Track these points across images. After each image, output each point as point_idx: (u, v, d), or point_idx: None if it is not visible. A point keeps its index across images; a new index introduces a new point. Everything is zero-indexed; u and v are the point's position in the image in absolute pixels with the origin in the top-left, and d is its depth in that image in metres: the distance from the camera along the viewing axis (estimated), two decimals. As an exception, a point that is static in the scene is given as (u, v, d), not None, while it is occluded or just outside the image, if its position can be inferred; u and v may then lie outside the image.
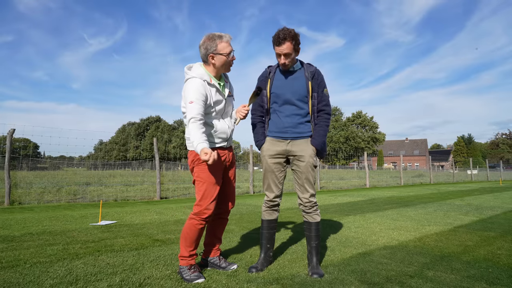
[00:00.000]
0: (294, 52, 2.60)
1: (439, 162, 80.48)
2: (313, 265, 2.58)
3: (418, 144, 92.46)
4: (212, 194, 2.48)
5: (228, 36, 2.54)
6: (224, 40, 2.50)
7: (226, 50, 2.50)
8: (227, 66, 2.57)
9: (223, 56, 2.49)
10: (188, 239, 2.47)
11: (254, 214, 5.73)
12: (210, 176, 2.49)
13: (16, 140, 51.44)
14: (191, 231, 2.46)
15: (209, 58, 2.51)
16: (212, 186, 2.49)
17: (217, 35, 2.50)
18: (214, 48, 2.47)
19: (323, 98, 2.69)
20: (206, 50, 2.49)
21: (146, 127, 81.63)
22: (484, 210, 6.31)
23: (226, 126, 2.61)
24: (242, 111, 2.64)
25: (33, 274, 2.50)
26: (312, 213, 2.67)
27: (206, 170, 2.49)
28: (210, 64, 2.53)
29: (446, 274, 2.54)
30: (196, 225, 2.46)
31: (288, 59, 2.59)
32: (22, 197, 8.20)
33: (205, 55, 2.51)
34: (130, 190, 11.02)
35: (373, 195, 9.97)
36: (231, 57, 2.54)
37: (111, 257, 2.98)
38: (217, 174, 2.53)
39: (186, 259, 2.46)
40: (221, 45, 2.48)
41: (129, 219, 5.20)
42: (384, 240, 3.71)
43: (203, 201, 2.46)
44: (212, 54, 2.49)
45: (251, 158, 11.82)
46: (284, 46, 2.54)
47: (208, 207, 2.46)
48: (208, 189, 2.47)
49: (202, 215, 2.45)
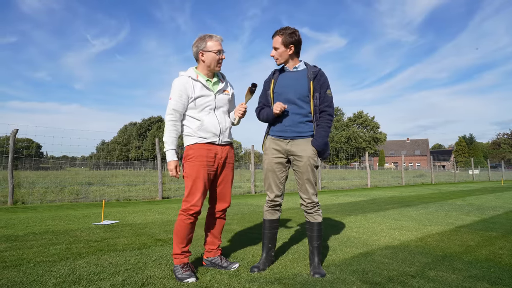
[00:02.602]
0: (283, 47, 2.66)
1: (441, 162, 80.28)
2: (315, 265, 2.59)
3: (420, 144, 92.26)
4: (199, 191, 2.51)
5: (219, 37, 2.67)
6: (214, 39, 2.64)
7: (215, 48, 2.61)
8: (216, 63, 2.64)
9: (212, 53, 2.60)
10: (179, 235, 2.51)
11: (255, 214, 5.74)
12: (198, 172, 2.52)
13: (19, 140, 51.62)
14: (181, 227, 2.50)
15: (199, 55, 2.64)
16: (200, 182, 2.52)
17: (208, 35, 2.65)
18: (204, 45, 2.61)
19: (326, 99, 2.69)
20: (197, 48, 2.64)
21: (148, 127, 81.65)
22: (486, 210, 6.30)
23: (216, 121, 2.62)
24: (240, 110, 2.68)
25: (36, 273, 2.52)
26: (313, 213, 2.67)
27: (194, 167, 2.53)
28: (200, 61, 2.65)
29: (447, 274, 2.54)
30: (185, 221, 2.50)
31: (276, 53, 2.69)
32: (25, 196, 8.23)
33: (196, 53, 2.66)
34: (132, 190, 11.05)
35: (375, 195, 9.97)
36: (220, 55, 2.64)
37: (113, 256, 2.99)
38: (205, 170, 2.55)
39: (179, 257, 2.49)
40: (210, 43, 2.61)
41: (131, 218, 5.22)
42: (385, 240, 3.72)
43: (190, 197, 2.50)
44: (202, 51, 2.61)
45: (253, 158, 11.83)
46: (274, 39, 2.69)
47: (196, 204, 2.50)
48: (195, 185, 2.51)
49: (190, 211, 2.49)
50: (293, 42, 2.66)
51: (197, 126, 2.58)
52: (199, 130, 2.57)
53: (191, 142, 2.59)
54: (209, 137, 2.59)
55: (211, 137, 2.60)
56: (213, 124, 2.61)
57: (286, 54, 2.68)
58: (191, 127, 2.60)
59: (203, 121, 2.58)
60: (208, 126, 2.59)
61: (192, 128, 2.59)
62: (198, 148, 2.56)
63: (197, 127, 2.57)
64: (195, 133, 2.58)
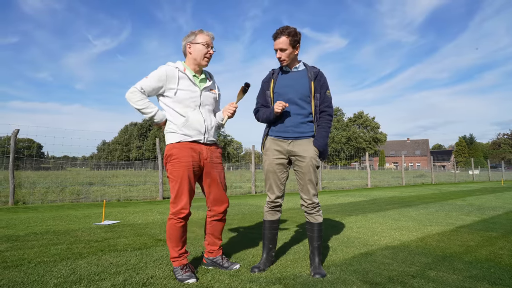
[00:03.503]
0: (290, 48, 2.62)
1: (441, 162, 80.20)
2: (315, 265, 2.59)
3: (420, 144, 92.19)
4: (186, 193, 2.45)
5: (210, 33, 2.65)
6: (205, 33, 2.62)
7: (203, 40, 2.58)
8: (203, 56, 2.59)
9: (200, 45, 2.57)
10: (173, 240, 2.47)
11: (256, 214, 5.75)
12: (183, 173, 2.45)
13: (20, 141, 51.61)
14: (174, 231, 2.46)
15: (187, 48, 2.62)
16: (186, 184, 2.45)
17: (198, 30, 2.63)
18: (193, 38, 2.60)
19: (326, 99, 2.70)
20: (185, 41, 2.63)
21: (149, 128, 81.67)
22: (486, 210, 6.30)
23: (201, 118, 2.56)
24: (230, 109, 2.64)
25: (37, 273, 2.52)
26: (314, 214, 2.68)
27: (177, 167, 2.46)
28: (188, 54, 2.63)
29: (448, 274, 2.54)
30: (176, 224, 2.46)
31: (284, 54, 2.62)
32: (26, 197, 8.24)
33: (184, 46, 2.64)
34: (133, 190, 11.05)
35: (375, 195, 9.96)
36: (208, 49, 2.60)
37: (114, 256, 3.00)
38: (190, 171, 2.48)
39: (177, 260, 2.46)
40: (199, 36, 2.60)
41: (132, 219, 5.23)
42: (386, 240, 3.72)
43: (177, 200, 2.45)
44: (190, 43, 2.60)
45: (253, 159, 11.83)
46: (279, 40, 2.60)
47: (184, 207, 2.45)
48: (181, 187, 2.45)
49: (180, 215, 2.45)
50: (299, 41, 2.65)
51: (182, 123, 2.50)
52: (183, 127, 2.50)
53: (174, 141, 2.50)
54: (193, 135, 2.52)
55: (195, 135, 2.53)
56: (198, 121, 2.54)
57: (293, 54, 2.66)
58: (175, 123, 2.52)
59: (188, 118, 2.51)
60: (193, 123, 2.52)
61: (177, 124, 2.51)
62: (182, 147, 2.48)
63: (181, 123, 2.50)
64: (179, 129, 2.50)
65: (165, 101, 2.58)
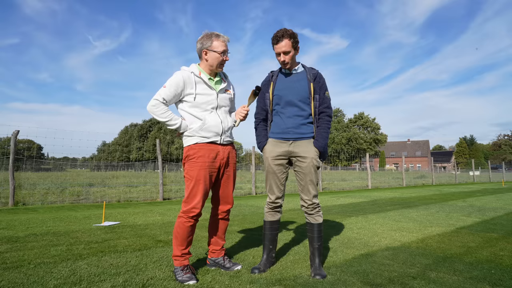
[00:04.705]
0: (293, 50, 2.62)
1: (441, 163, 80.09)
2: (315, 266, 2.59)
3: (420, 145, 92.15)
4: (200, 193, 2.47)
5: (226, 37, 2.61)
6: (221, 39, 2.58)
7: (220, 48, 2.56)
8: (219, 64, 2.60)
9: (216, 53, 2.55)
10: (179, 238, 2.48)
11: (256, 215, 5.74)
12: (199, 173, 2.48)
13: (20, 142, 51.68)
14: (181, 230, 2.47)
15: (202, 53, 2.59)
16: (201, 184, 2.48)
17: (215, 34, 2.58)
18: (209, 44, 2.56)
19: (325, 101, 2.70)
20: (201, 45, 2.59)
21: (149, 129, 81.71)
22: (487, 211, 6.29)
23: (218, 119, 2.59)
24: (242, 112, 2.65)
25: (37, 274, 2.52)
26: (314, 215, 2.67)
27: (195, 167, 2.49)
28: (203, 59, 2.61)
29: (448, 276, 2.54)
30: (185, 223, 2.47)
31: (287, 57, 2.62)
32: (26, 198, 8.24)
33: (199, 50, 2.61)
34: (133, 191, 11.05)
35: (375, 196, 9.96)
36: (224, 56, 2.59)
37: (114, 257, 2.99)
38: (206, 171, 2.51)
39: (179, 259, 2.47)
40: (216, 42, 2.56)
41: (132, 220, 5.23)
42: (386, 241, 3.71)
43: (191, 199, 2.47)
44: (206, 50, 2.57)
45: (253, 160, 11.83)
46: (282, 43, 2.59)
47: (196, 206, 2.46)
48: (196, 187, 2.47)
49: (190, 214, 2.46)
50: (298, 43, 2.66)
51: (199, 126, 2.54)
52: (201, 130, 2.54)
53: (192, 142, 2.55)
54: (210, 136, 2.56)
55: (212, 136, 2.56)
56: (216, 123, 2.57)
57: (294, 56, 2.68)
58: (192, 127, 2.56)
59: (205, 120, 2.54)
60: (211, 125, 2.55)
61: (194, 128, 2.55)
62: (199, 148, 2.53)
63: (199, 127, 2.54)
64: (196, 133, 2.54)
65: (183, 106, 2.61)
